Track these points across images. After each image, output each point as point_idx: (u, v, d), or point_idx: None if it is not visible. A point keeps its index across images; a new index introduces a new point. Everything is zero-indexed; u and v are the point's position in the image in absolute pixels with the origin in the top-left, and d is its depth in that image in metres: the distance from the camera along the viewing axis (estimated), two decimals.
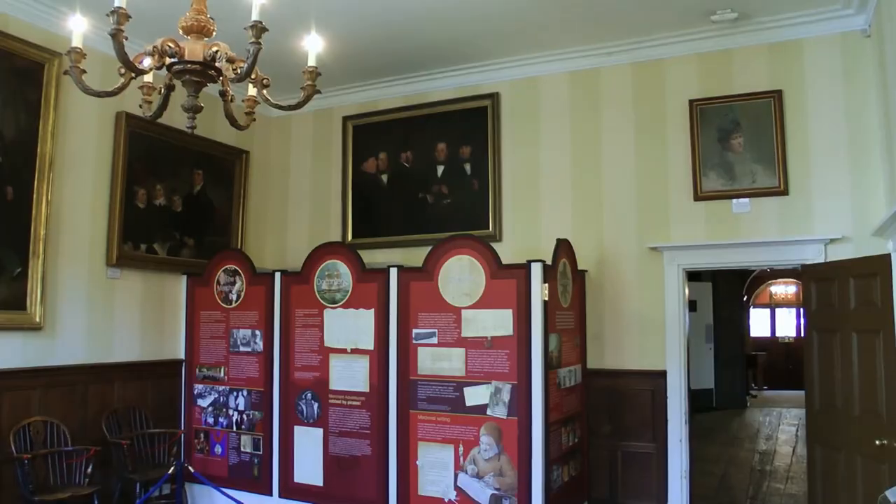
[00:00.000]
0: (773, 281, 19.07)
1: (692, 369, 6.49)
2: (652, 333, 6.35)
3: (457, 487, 5.54)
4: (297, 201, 8.30)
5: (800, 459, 8.79)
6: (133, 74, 3.21)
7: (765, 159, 6.08)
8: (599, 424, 6.44)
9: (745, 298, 16.56)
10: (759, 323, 19.56)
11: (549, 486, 5.31)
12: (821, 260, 5.78)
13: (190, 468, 5.88)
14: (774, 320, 19.68)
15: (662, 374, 6.27)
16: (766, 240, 6.02)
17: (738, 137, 6.19)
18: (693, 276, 7.50)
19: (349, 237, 7.80)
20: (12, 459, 5.35)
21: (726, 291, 14.02)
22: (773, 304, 19.66)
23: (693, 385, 6.48)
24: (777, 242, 6.00)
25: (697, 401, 11.08)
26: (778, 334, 19.36)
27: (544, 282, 5.39)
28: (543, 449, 5.27)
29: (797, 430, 11.13)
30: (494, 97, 7.15)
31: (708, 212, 6.26)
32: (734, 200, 6.16)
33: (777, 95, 6.07)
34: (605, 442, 6.43)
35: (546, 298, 5.39)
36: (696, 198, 6.30)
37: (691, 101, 6.36)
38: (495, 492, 5.38)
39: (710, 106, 6.30)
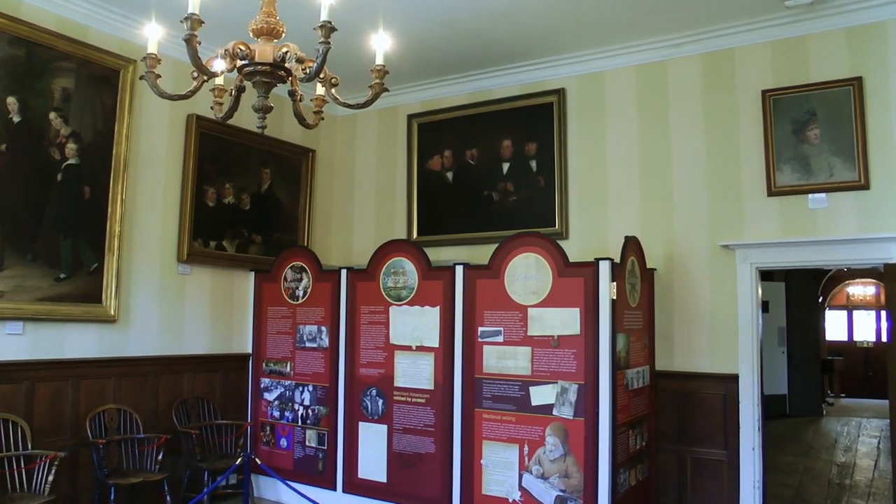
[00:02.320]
0: (851, 281, 18.37)
1: (764, 374, 6.27)
2: (723, 335, 6.15)
3: (521, 488, 5.49)
4: (362, 199, 8.35)
5: (882, 474, 8.37)
6: (206, 77, 3.28)
7: (844, 151, 5.79)
8: (668, 428, 6.29)
9: (820, 299, 15.99)
10: (835, 326, 18.83)
11: (615, 489, 5.21)
12: None
13: (257, 460, 5.97)
14: (852, 323, 18.94)
15: (734, 378, 6.05)
16: (844, 237, 5.73)
17: (815, 129, 5.91)
18: (765, 276, 7.25)
19: (414, 235, 7.80)
20: (88, 444, 5.62)
21: (800, 292, 13.49)
22: (850, 306, 18.94)
23: (765, 390, 6.25)
24: (857, 240, 5.70)
25: (770, 407, 10.75)
26: (856, 338, 18.59)
27: (612, 280, 5.30)
28: (610, 451, 5.18)
29: (879, 443, 10.61)
30: (560, 93, 7.05)
31: (782, 208, 6.02)
32: (810, 195, 5.89)
33: (857, 83, 5.77)
34: (674, 447, 6.26)
35: (614, 297, 5.30)
36: (770, 193, 6.05)
37: (764, 92, 6.12)
38: (560, 493, 5.31)
39: (785, 96, 6.05)
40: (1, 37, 5.33)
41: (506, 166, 7.30)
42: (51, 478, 5.03)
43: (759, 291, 6.21)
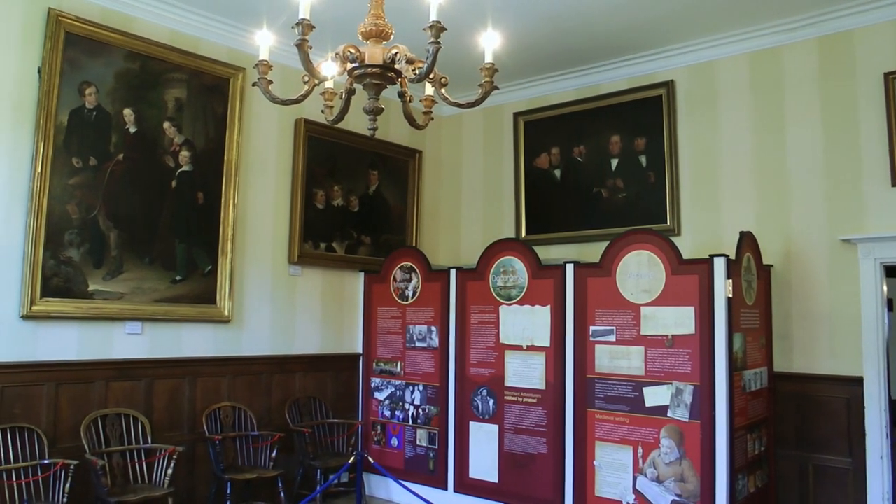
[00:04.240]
0: None
1: (891, 377, 5.89)
2: (846, 335, 5.81)
3: (635, 490, 5.37)
4: (469, 198, 8.35)
5: None
6: (317, 81, 3.34)
7: None
8: (788, 433, 6.02)
9: None
10: None
11: (734, 495, 5.03)
12: None
13: (369, 459, 6.05)
14: None
15: (859, 381, 5.70)
16: None
17: None
18: (889, 272, 6.75)
19: (523, 233, 7.73)
20: (205, 439, 5.85)
21: None
22: None
23: (892, 395, 5.87)
24: None
25: None
26: None
27: (728, 277, 5.12)
28: (728, 455, 5.00)
29: None
30: (669, 85, 6.85)
31: None
32: None
33: None
34: (795, 453, 5.96)
35: (730, 295, 5.12)
36: (895, 183, 5.70)
37: (886, 75, 5.74)
38: (676, 498, 5.16)
39: None
40: (117, 52, 5.60)
41: (614, 162, 7.15)
42: (170, 471, 5.26)
43: (885, 289, 5.83)
